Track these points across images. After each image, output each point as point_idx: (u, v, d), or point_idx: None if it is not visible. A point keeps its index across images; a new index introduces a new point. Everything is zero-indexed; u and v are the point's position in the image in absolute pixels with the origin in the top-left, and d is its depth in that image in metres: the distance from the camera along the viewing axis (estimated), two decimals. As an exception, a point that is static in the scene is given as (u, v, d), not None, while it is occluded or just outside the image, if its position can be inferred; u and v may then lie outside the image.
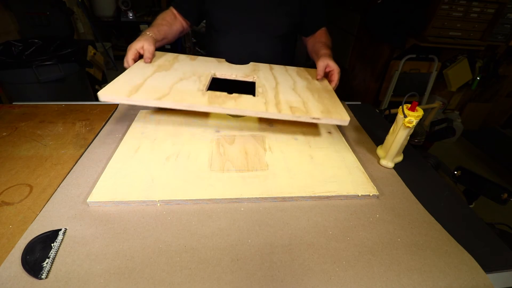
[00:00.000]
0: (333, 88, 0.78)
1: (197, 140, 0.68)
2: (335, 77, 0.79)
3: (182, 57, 0.86)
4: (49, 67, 1.46)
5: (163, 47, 0.89)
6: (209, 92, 0.66)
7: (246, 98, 0.65)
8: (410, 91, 2.00)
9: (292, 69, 0.88)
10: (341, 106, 0.67)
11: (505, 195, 0.73)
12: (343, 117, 0.63)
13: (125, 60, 0.76)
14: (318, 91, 0.73)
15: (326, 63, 0.79)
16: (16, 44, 1.54)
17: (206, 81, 0.71)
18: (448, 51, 2.09)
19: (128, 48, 0.75)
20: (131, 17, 2.78)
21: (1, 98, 1.58)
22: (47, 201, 0.51)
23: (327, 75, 0.82)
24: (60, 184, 0.55)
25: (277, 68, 0.87)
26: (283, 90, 0.72)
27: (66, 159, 0.63)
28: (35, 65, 1.43)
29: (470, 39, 1.98)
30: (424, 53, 2.00)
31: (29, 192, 0.53)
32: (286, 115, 0.61)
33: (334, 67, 0.79)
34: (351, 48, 2.41)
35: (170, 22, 0.89)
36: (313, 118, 0.61)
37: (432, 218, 0.52)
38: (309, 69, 0.89)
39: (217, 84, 0.75)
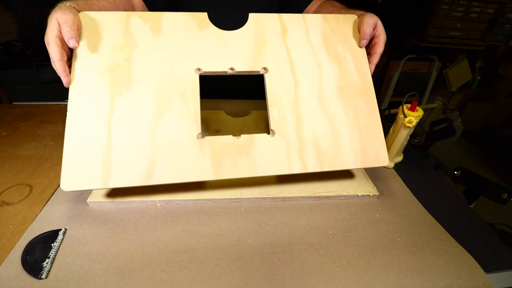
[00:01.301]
0: (372, 70, 0.56)
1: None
2: (378, 49, 0.55)
3: (137, 27, 0.50)
4: (49, 67, 1.46)
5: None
6: (208, 139, 0.47)
7: (260, 144, 0.48)
8: (410, 91, 2.00)
9: (315, 29, 0.55)
10: (380, 129, 0.52)
11: (505, 195, 0.74)
12: (380, 160, 0.51)
13: (55, 66, 0.44)
14: (354, 99, 0.53)
15: (375, 21, 0.54)
16: (16, 44, 1.54)
17: (196, 103, 0.48)
18: (448, 51, 2.09)
19: (46, 42, 0.44)
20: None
21: (1, 98, 1.58)
22: (47, 201, 0.51)
23: (367, 45, 0.57)
24: (60, 184, 0.55)
25: (293, 33, 0.55)
26: (306, 104, 0.51)
27: (66, 159, 0.63)
28: (35, 65, 1.43)
29: (470, 39, 1.98)
30: (424, 53, 2.01)
31: (29, 192, 0.53)
32: (314, 170, 0.48)
33: (381, 32, 0.54)
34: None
35: None
36: (345, 169, 0.51)
37: (432, 218, 0.52)
38: (339, 18, 0.57)
39: (208, 81, 0.53)
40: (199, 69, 0.50)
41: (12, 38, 1.70)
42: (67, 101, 0.46)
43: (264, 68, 0.52)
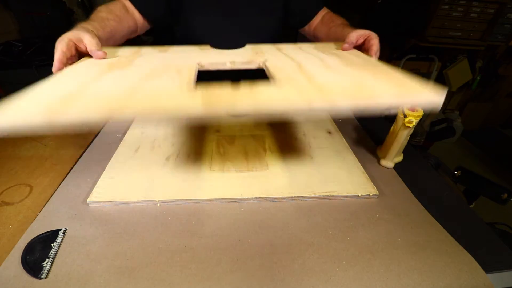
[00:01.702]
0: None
1: (197, 140, 0.68)
2: (375, 47, 0.56)
3: (147, 49, 0.58)
4: (49, 67, 1.47)
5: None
6: (201, 87, 0.38)
7: (264, 89, 0.37)
8: (410, 91, 2.00)
9: (307, 46, 0.62)
10: (409, 78, 0.40)
11: (505, 195, 0.74)
12: (430, 94, 0.35)
13: (54, 64, 0.48)
14: (365, 66, 0.48)
15: (358, 33, 0.58)
16: (16, 44, 1.54)
17: (191, 75, 0.44)
18: (448, 51, 2.09)
19: (58, 40, 0.47)
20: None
21: (1, 98, 1.58)
22: (47, 201, 0.51)
23: (359, 48, 0.60)
24: (60, 184, 0.55)
25: (288, 47, 0.61)
26: (314, 70, 0.45)
27: (66, 159, 0.63)
28: (35, 65, 1.43)
29: (470, 39, 1.98)
30: (424, 53, 2.00)
31: (29, 192, 0.53)
32: (344, 106, 0.34)
33: (373, 36, 0.57)
34: (351, 48, 2.41)
35: (120, 16, 0.63)
36: (390, 106, 0.35)
37: (432, 218, 0.52)
38: (330, 43, 0.65)
39: (207, 80, 0.47)
40: (199, 64, 0.50)
41: (12, 38, 1.70)
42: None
43: (264, 61, 0.51)
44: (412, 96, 0.36)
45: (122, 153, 0.62)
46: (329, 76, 0.42)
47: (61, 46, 0.47)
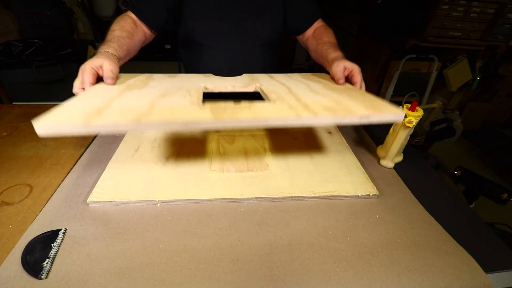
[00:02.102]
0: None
1: (197, 140, 0.68)
2: (358, 77, 0.63)
3: (158, 75, 0.66)
4: (49, 67, 1.47)
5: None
6: (208, 103, 0.47)
7: (261, 105, 0.48)
8: (410, 91, 2.00)
9: (297, 75, 0.71)
10: (383, 101, 0.52)
11: (505, 195, 0.73)
12: (395, 111, 0.47)
13: (75, 85, 0.54)
14: (346, 90, 0.58)
15: (342, 66, 0.64)
16: (16, 44, 1.54)
17: (199, 95, 0.53)
18: (448, 51, 2.09)
19: (81, 68, 0.54)
20: (131, 17, 2.78)
21: (1, 98, 1.58)
22: (47, 201, 0.51)
23: (346, 80, 0.67)
24: (60, 184, 0.55)
25: (279, 76, 0.70)
26: (302, 93, 0.55)
27: (66, 159, 0.63)
28: (35, 65, 1.43)
29: (470, 39, 1.98)
30: (424, 53, 2.00)
31: (29, 192, 0.53)
32: (326, 118, 0.44)
33: (353, 67, 0.63)
34: (351, 48, 2.41)
35: (131, 31, 0.70)
36: (362, 117, 0.46)
37: (432, 218, 0.52)
38: (317, 74, 0.73)
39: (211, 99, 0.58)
40: (202, 86, 0.59)
41: (12, 38, 1.70)
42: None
43: (259, 85, 0.62)
44: (380, 111, 0.46)
45: (122, 153, 0.62)
46: (314, 97, 0.52)
47: (88, 74, 0.53)
